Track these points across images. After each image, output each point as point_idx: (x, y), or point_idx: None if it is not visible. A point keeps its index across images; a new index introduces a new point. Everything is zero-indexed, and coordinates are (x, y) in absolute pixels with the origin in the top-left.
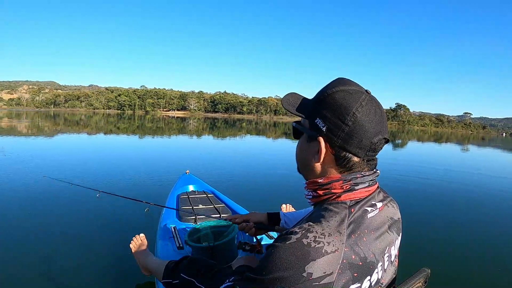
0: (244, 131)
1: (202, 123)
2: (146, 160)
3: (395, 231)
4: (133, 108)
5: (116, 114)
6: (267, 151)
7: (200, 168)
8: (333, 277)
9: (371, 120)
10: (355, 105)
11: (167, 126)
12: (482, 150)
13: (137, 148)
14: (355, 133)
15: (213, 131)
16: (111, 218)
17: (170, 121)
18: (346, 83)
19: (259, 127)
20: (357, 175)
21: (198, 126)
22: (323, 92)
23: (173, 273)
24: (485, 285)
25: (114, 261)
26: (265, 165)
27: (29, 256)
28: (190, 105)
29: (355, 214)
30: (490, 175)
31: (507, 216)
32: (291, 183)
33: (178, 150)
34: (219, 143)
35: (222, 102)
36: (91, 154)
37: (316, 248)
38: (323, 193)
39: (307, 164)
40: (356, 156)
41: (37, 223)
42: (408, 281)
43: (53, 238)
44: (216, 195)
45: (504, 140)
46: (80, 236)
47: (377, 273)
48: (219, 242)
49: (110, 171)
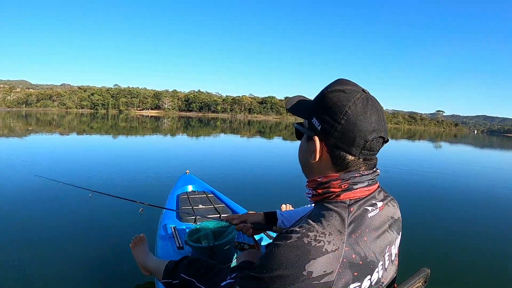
0: (218, 130)
1: (177, 122)
2: (146, 160)
3: (396, 230)
4: (106, 107)
5: (90, 113)
6: (267, 151)
7: (200, 168)
8: (333, 276)
9: (365, 118)
10: (348, 104)
11: (141, 125)
12: (469, 148)
13: (137, 148)
14: (348, 132)
15: (188, 130)
16: (110, 218)
17: (144, 121)
18: (343, 83)
19: (233, 125)
20: (355, 174)
21: (173, 126)
22: (321, 93)
23: (173, 273)
24: (485, 285)
25: (114, 261)
26: (265, 165)
27: (26, 257)
28: (164, 104)
29: (355, 213)
30: (490, 174)
31: (507, 216)
32: (291, 183)
33: (178, 150)
34: (219, 143)
35: (196, 101)
36: (92, 155)
37: (316, 247)
38: (322, 191)
39: (306, 164)
40: (350, 154)
41: (32, 224)
42: (408, 281)
43: (50, 238)
44: (216, 195)
45: (475, 137)
46: (80, 236)
47: (378, 272)
48: (219, 242)
49: (110, 171)
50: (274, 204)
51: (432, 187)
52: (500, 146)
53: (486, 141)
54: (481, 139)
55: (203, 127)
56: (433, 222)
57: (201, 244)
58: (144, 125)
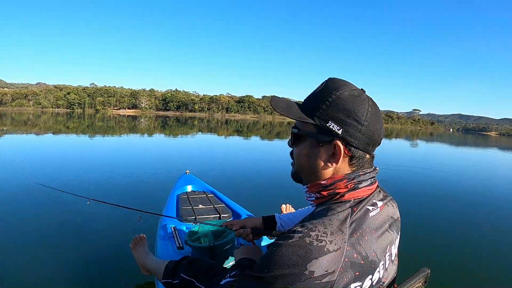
0: (196, 129)
1: (154, 121)
2: (145, 161)
3: (395, 230)
4: (83, 106)
5: (66, 113)
6: (267, 150)
7: (200, 168)
8: (335, 276)
9: (378, 117)
10: (366, 106)
11: (118, 125)
12: (456, 147)
13: (137, 148)
14: (369, 132)
15: (165, 130)
16: (110, 221)
17: (121, 120)
18: (346, 84)
19: (211, 125)
20: (360, 173)
21: (150, 125)
22: (328, 95)
23: (173, 273)
24: (485, 285)
25: (114, 261)
26: (265, 165)
27: (26, 259)
28: (141, 103)
29: (357, 213)
30: (490, 174)
31: (507, 216)
32: (291, 183)
33: (178, 150)
34: (219, 143)
35: (173, 100)
36: (87, 156)
37: (318, 247)
38: (328, 193)
39: (315, 170)
40: (368, 153)
41: (31, 227)
42: (408, 281)
43: (49, 239)
44: (216, 195)
45: (451, 135)
46: (79, 238)
47: (379, 272)
48: (219, 242)
49: (110, 172)
50: (274, 204)
51: (432, 187)
52: (477, 144)
53: (462, 139)
54: (457, 137)
55: (180, 126)
56: (433, 222)
57: (201, 244)
58: (121, 124)
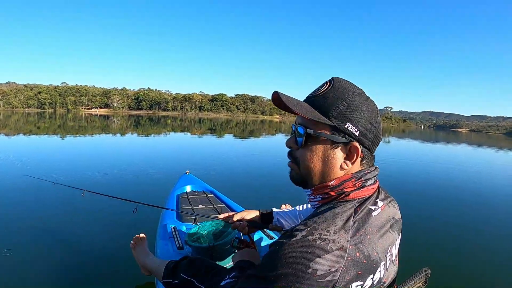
0: (169, 128)
1: (126, 121)
2: (145, 161)
3: (396, 230)
4: (54, 106)
5: (37, 112)
6: (267, 151)
7: (200, 168)
8: (338, 274)
9: (380, 119)
10: (376, 108)
11: (90, 124)
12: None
13: (137, 148)
14: (378, 133)
15: (138, 129)
16: (109, 219)
17: (93, 120)
18: (354, 86)
19: (184, 124)
20: (365, 171)
21: (122, 124)
22: (345, 96)
23: (173, 273)
24: (485, 285)
25: (114, 261)
26: (266, 164)
27: (21, 259)
28: (114, 102)
29: (360, 213)
30: (489, 174)
31: (507, 216)
32: (291, 182)
33: (178, 150)
34: (219, 143)
35: (146, 99)
36: (88, 157)
37: (321, 245)
38: (336, 193)
39: (327, 171)
40: (372, 153)
41: (30, 225)
42: (408, 281)
43: (48, 239)
44: (216, 195)
45: (423, 132)
46: (79, 237)
47: (380, 272)
48: (219, 242)
49: (110, 173)
50: (274, 204)
51: (432, 187)
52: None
53: (433, 136)
54: (429, 134)
55: (153, 125)
56: (433, 222)
57: (201, 244)
58: (93, 124)
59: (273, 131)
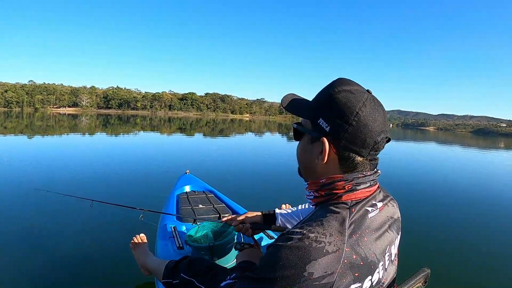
0: (138, 128)
1: (95, 120)
2: (145, 161)
3: (395, 230)
4: (21, 105)
5: (3, 112)
6: (267, 150)
7: (200, 168)
8: (334, 277)
9: (374, 119)
10: (358, 105)
11: (58, 124)
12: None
13: (137, 148)
14: (359, 133)
15: (107, 129)
16: (110, 221)
17: (61, 119)
18: (348, 83)
19: (154, 123)
20: (358, 175)
21: (91, 124)
22: (325, 93)
23: (173, 273)
24: (485, 285)
25: (114, 261)
26: (266, 164)
27: (27, 262)
28: (82, 101)
29: (356, 214)
30: (489, 175)
31: (507, 215)
32: (291, 182)
33: (178, 150)
34: (219, 143)
35: (115, 97)
36: (87, 158)
37: (317, 248)
38: (325, 193)
39: (309, 165)
40: (360, 155)
41: (30, 232)
42: (408, 281)
43: (48, 240)
44: (216, 195)
45: (393, 130)
46: (78, 238)
47: (378, 272)
48: (219, 242)
49: (109, 173)
50: (274, 204)
51: (432, 187)
52: (416, 138)
53: (402, 134)
54: (398, 132)
55: (122, 124)
56: (433, 222)
57: (201, 244)
58: (61, 123)
59: (243, 130)
